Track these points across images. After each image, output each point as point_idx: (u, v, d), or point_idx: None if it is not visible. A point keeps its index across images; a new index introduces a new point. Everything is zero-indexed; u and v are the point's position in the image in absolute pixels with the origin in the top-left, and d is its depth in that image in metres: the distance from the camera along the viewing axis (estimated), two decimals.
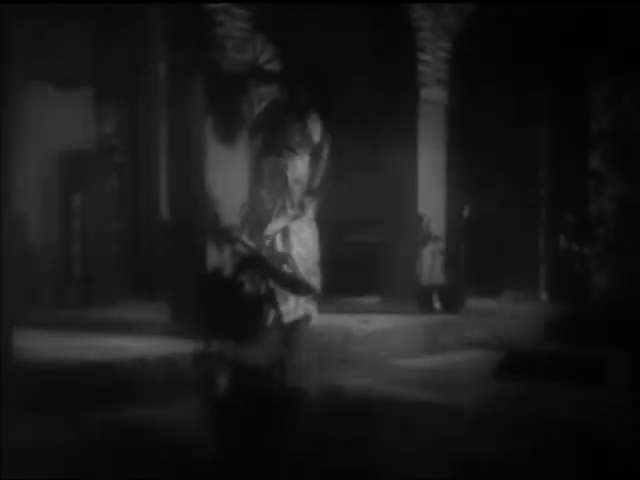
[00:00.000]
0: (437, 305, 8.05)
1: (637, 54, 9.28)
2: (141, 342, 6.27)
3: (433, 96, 8.58)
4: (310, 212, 6.80)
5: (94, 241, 8.58)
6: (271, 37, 9.85)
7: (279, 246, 6.63)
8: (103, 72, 8.92)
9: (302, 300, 6.60)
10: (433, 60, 8.56)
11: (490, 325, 8.08)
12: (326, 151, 6.88)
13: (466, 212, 8.66)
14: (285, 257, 6.60)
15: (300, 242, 6.68)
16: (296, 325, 6.50)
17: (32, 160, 8.07)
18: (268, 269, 5.05)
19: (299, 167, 6.76)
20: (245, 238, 6.45)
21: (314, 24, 9.21)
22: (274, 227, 6.65)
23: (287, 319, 6.50)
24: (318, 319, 6.83)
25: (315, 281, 6.70)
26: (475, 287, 8.65)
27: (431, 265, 8.33)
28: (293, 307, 6.56)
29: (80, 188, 8.56)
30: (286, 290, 6.23)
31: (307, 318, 6.67)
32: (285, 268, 6.50)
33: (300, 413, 4.05)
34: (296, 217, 6.69)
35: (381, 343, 7.12)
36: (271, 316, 6.34)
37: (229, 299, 4.07)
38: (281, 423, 4.00)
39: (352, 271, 8.97)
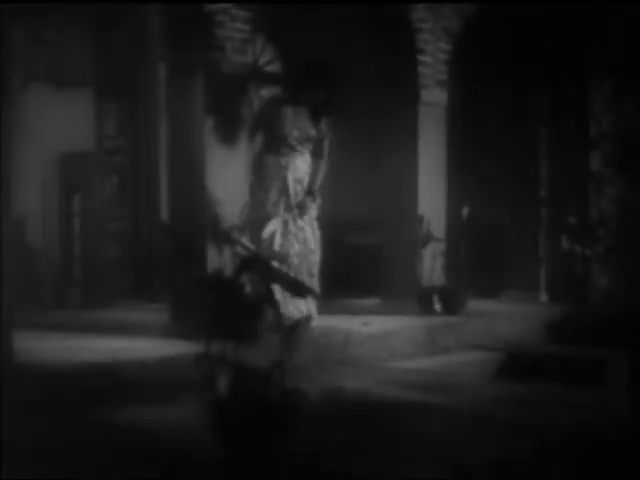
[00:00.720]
0: (437, 306, 8.05)
1: (637, 54, 9.27)
2: (141, 343, 6.27)
3: (433, 97, 8.58)
4: (312, 212, 6.77)
5: (94, 242, 8.57)
6: (271, 38, 9.85)
7: (278, 246, 6.61)
8: (103, 72, 8.92)
9: (302, 301, 6.58)
10: (433, 61, 8.56)
11: (491, 326, 8.07)
12: (326, 149, 6.84)
13: (465, 212, 8.65)
14: (284, 257, 6.58)
15: (299, 242, 6.65)
16: (296, 326, 6.48)
17: (32, 160, 8.07)
18: (268, 270, 5.05)
19: (300, 166, 6.72)
20: (245, 240, 6.43)
21: (314, 25, 9.21)
22: (273, 227, 6.61)
23: (287, 320, 6.49)
24: (318, 320, 6.82)
25: (313, 282, 6.68)
26: (475, 288, 8.64)
27: (431, 266, 8.33)
28: (293, 308, 6.55)
29: (80, 189, 8.56)
30: (286, 291, 6.22)
31: (307, 319, 6.65)
32: (285, 269, 6.49)
33: (300, 414, 4.04)
34: (297, 217, 6.65)
35: (381, 344, 7.11)
36: (271, 317, 6.33)
37: (229, 300, 4.06)
38: (281, 424, 4.00)
39: (352, 272, 8.97)
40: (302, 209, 6.63)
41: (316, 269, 6.72)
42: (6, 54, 5.59)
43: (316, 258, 6.72)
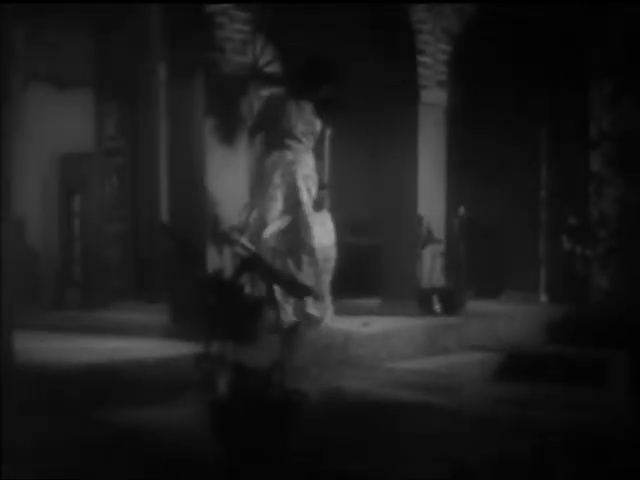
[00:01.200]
0: (437, 307, 8.04)
1: (637, 54, 9.27)
2: (141, 344, 6.27)
3: (433, 98, 8.58)
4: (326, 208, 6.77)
5: (94, 242, 8.56)
6: (271, 38, 9.85)
7: (290, 242, 6.57)
8: (103, 72, 8.92)
9: (302, 302, 6.57)
10: (433, 62, 8.56)
11: (491, 327, 8.07)
12: (327, 142, 6.82)
13: (464, 212, 8.64)
14: (298, 254, 6.55)
15: (314, 237, 6.61)
16: (296, 327, 6.48)
17: (32, 160, 8.06)
18: (268, 271, 5.05)
19: (309, 162, 6.70)
20: (245, 240, 6.42)
21: (314, 25, 9.21)
22: (279, 224, 6.59)
23: (287, 321, 6.49)
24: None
25: (329, 278, 6.65)
26: (475, 288, 8.64)
27: (431, 267, 8.32)
28: (293, 309, 6.55)
29: (80, 189, 8.55)
30: (285, 292, 6.22)
31: (307, 320, 6.65)
32: (296, 266, 6.47)
33: (300, 414, 4.04)
34: (308, 213, 6.61)
35: (381, 345, 7.11)
36: (271, 318, 6.33)
37: (229, 301, 4.06)
38: (281, 424, 4.00)
39: (352, 273, 8.95)
40: (320, 204, 6.63)
41: (332, 264, 6.69)
42: (6, 54, 5.59)
43: (332, 253, 6.70)
